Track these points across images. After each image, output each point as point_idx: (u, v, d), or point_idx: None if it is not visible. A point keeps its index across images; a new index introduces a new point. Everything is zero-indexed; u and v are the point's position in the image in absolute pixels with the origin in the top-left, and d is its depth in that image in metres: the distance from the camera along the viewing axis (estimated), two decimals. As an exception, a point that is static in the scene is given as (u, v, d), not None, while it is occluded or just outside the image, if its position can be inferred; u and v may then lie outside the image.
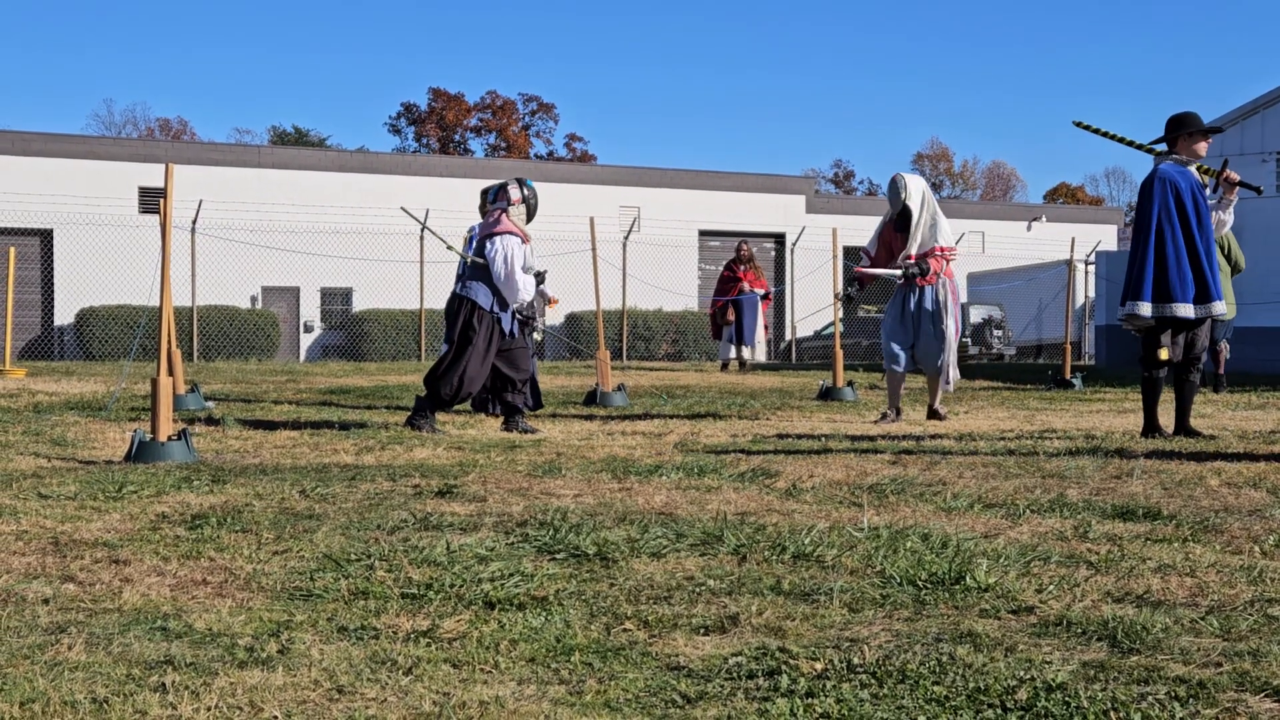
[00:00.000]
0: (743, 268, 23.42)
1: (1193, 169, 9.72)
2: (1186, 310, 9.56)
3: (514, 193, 10.74)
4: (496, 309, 10.54)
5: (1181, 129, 9.66)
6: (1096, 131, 10.38)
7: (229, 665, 3.54)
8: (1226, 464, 7.92)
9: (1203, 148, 9.67)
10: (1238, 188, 9.96)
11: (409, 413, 10.97)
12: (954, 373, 11.77)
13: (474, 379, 10.47)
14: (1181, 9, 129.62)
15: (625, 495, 6.62)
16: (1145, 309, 9.56)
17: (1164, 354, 9.72)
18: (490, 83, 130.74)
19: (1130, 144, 10.21)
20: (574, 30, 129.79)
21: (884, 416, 11.60)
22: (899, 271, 11.54)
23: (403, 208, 15.33)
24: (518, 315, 10.76)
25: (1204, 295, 9.59)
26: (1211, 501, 6.45)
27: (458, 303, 10.58)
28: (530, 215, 10.80)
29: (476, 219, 12.17)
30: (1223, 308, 9.63)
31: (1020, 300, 39.92)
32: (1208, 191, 9.84)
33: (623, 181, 42.79)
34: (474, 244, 10.78)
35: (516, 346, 10.71)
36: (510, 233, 10.54)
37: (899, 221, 11.69)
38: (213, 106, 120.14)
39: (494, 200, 10.81)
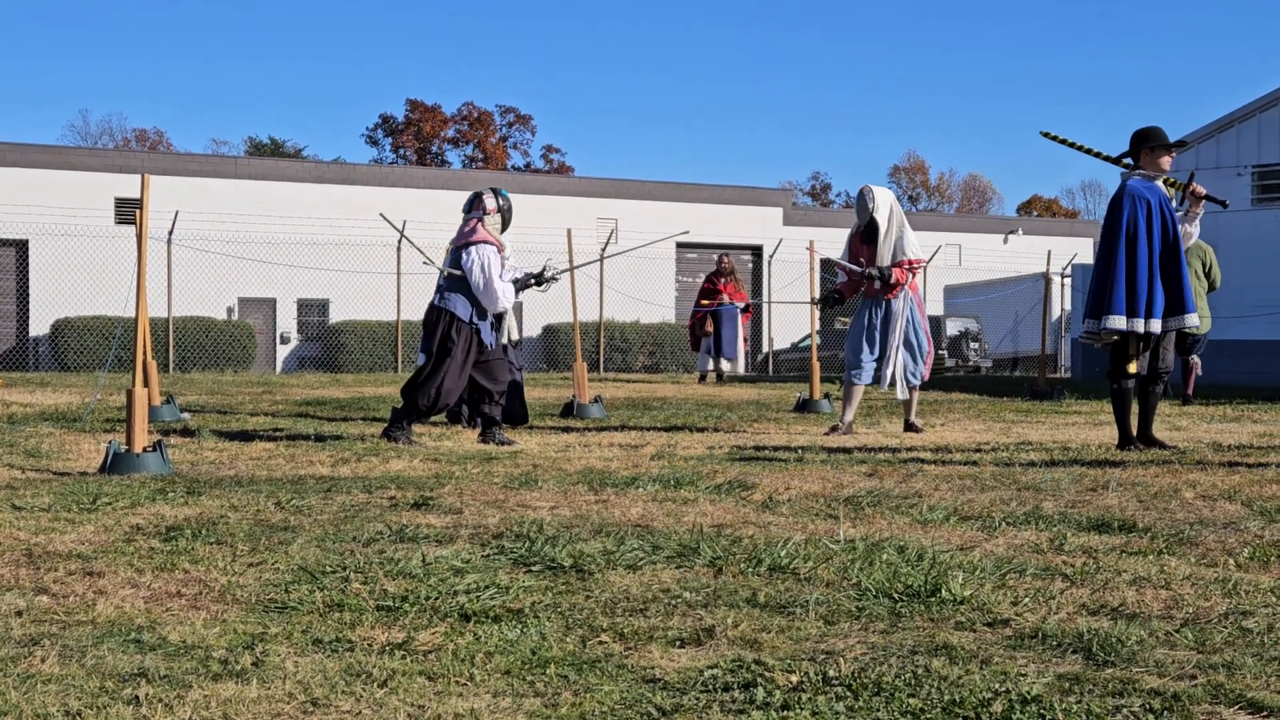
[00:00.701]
0: (723, 280, 23.46)
1: (1159, 183, 9.79)
2: (1155, 324, 9.62)
3: (489, 202, 10.74)
4: (475, 320, 10.53)
5: (1146, 143, 9.76)
6: (1064, 142, 10.44)
7: (203, 678, 3.53)
8: (1201, 476, 7.95)
9: (1166, 162, 9.76)
10: (1203, 201, 10.02)
11: (385, 424, 10.93)
12: (899, 386, 11.67)
13: (451, 390, 10.45)
14: (1158, 23, 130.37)
15: (601, 507, 6.61)
16: (1119, 322, 9.61)
17: (1132, 367, 9.78)
18: (467, 94, 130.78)
19: (1096, 155, 10.27)
20: (551, 42, 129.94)
21: (834, 429, 11.53)
22: (861, 270, 11.55)
23: (381, 214, 15.27)
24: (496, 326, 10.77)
25: (1174, 308, 9.66)
26: (1186, 514, 6.47)
27: (436, 314, 10.56)
28: (505, 224, 10.81)
29: (455, 232, 12.16)
30: (1194, 320, 9.69)
31: (996, 313, 40.04)
32: (1174, 204, 9.91)
33: (600, 193, 42.81)
34: (451, 254, 10.78)
35: (494, 358, 10.70)
36: (486, 241, 10.53)
37: (866, 233, 11.72)
38: (189, 117, 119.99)
39: (469, 210, 10.80)
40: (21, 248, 34.95)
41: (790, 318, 38.81)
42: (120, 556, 5.22)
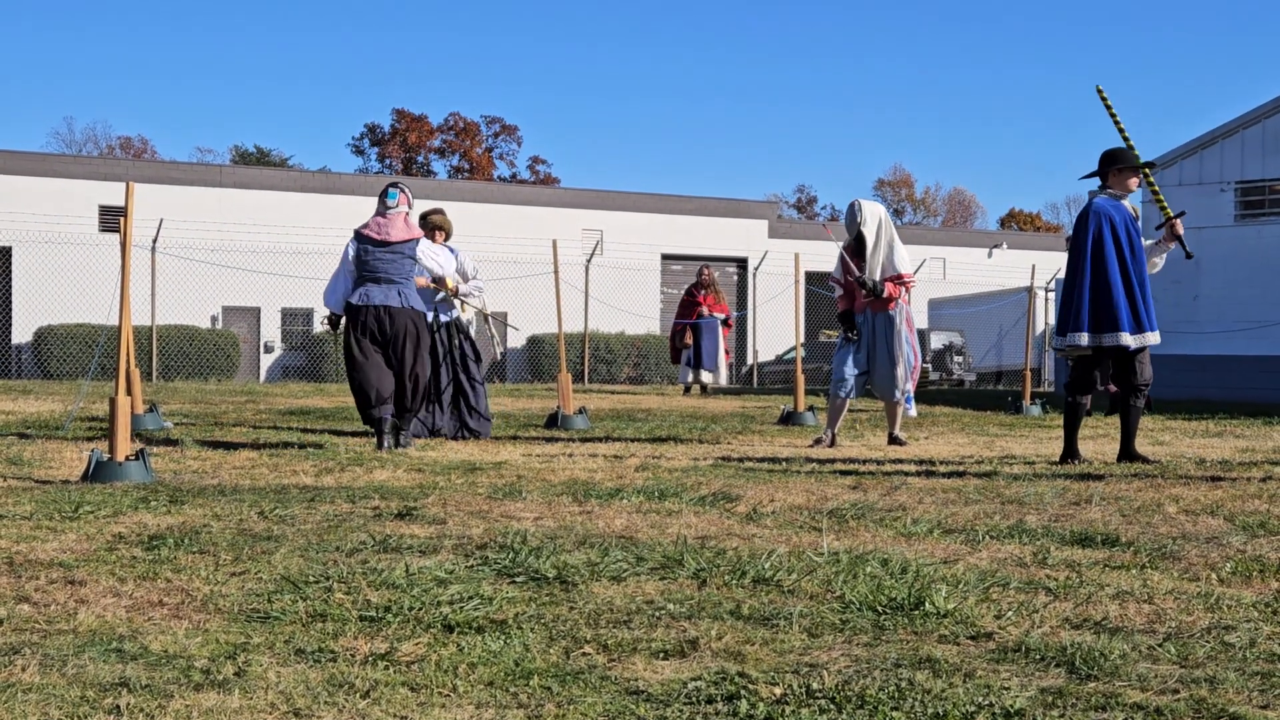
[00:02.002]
0: (703, 292, 23.43)
1: (1127, 204, 9.96)
2: (1126, 339, 9.75)
3: (409, 197, 10.87)
4: (425, 309, 10.67)
5: (1114, 164, 9.98)
6: (1108, 108, 10.41)
7: (185, 688, 3.52)
8: (1184, 491, 7.97)
9: (1134, 183, 10.00)
10: (1175, 241, 10.16)
11: (375, 437, 10.87)
12: (910, 401, 11.76)
13: (424, 379, 10.57)
14: (1141, 40, 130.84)
15: (586, 518, 6.61)
16: (1084, 339, 9.77)
17: (1099, 382, 9.93)
18: (453, 104, 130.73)
19: (1121, 132, 10.26)
20: (538, 54, 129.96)
21: (818, 441, 11.58)
22: (856, 276, 11.57)
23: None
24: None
25: (1139, 325, 9.80)
26: (1169, 528, 6.48)
27: (411, 316, 10.51)
28: None
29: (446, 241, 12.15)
30: (1156, 338, 9.84)
31: (981, 326, 40.11)
32: (1156, 231, 10.06)
33: (586, 204, 42.85)
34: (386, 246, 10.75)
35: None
36: (424, 236, 10.69)
37: (856, 247, 11.75)
38: (174, 125, 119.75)
39: (395, 201, 10.73)
40: (4, 255, 34.86)
41: (775, 330, 38.82)
42: (102, 565, 5.20)
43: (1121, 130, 10.28)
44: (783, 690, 3.53)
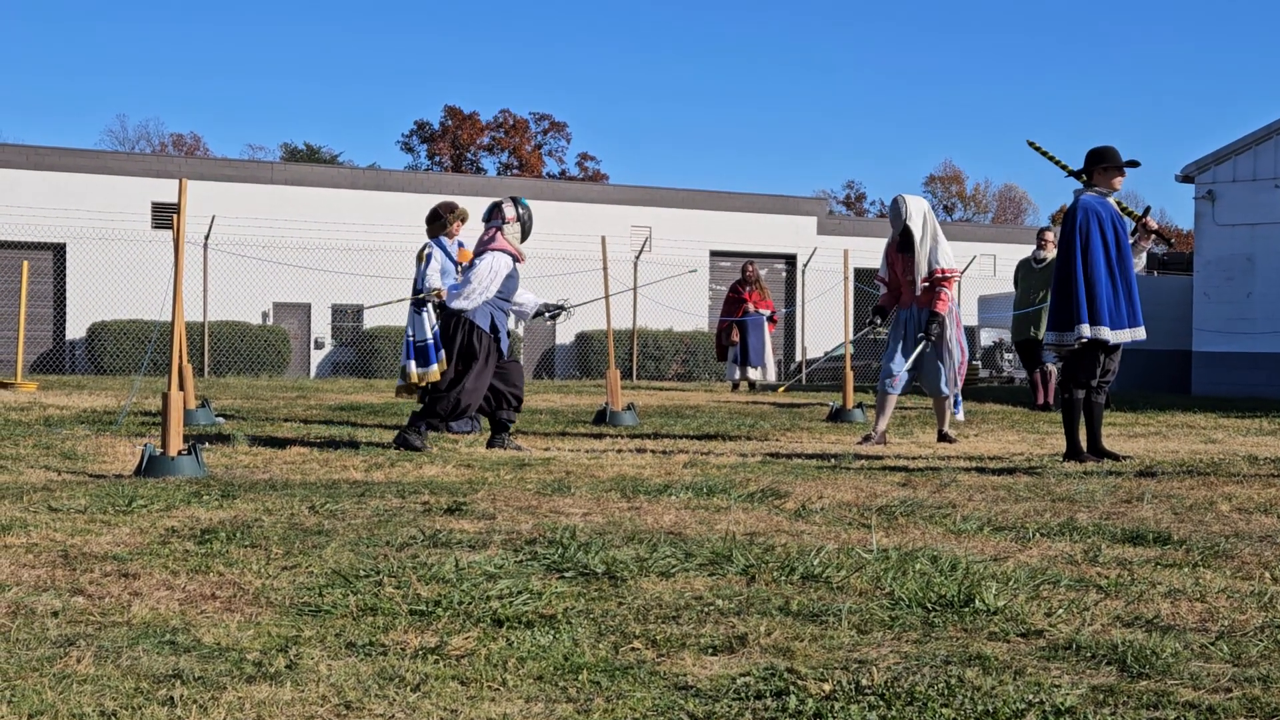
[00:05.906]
0: (747, 289, 23.35)
1: (1112, 201, 9.97)
2: (1106, 334, 9.75)
3: (509, 211, 10.78)
4: (500, 327, 10.57)
5: (1099, 163, 10.00)
6: (1044, 154, 10.63)
7: (237, 680, 3.55)
8: (1237, 489, 7.91)
9: (1118, 182, 10.04)
10: (1152, 236, 10.19)
11: (399, 431, 10.93)
12: (958, 406, 11.72)
13: (473, 395, 10.46)
14: (1197, 35, 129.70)
15: (634, 514, 6.62)
16: (1086, 330, 9.73)
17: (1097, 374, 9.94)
18: (503, 101, 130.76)
19: (1065, 169, 10.36)
20: (587, 51, 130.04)
21: (867, 438, 11.53)
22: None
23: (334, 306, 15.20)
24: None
25: (1122, 321, 9.80)
26: (1222, 527, 6.44)
27: (454, 323, 10.55)
28: (525, 234, 10.84)
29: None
30: (1142, 333, 9.84)
31: (1031, 324, 39.81)
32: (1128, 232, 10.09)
33: (634, 201, 42.80)
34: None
35: (511, 362, 10.74)
36: (503, 250, 10.58)
37: (901, 242, 11.73)
38: (226, 123, 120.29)
39: (489, 218, 10.85)
40: (59, 251, 35.17)
41: (823, 327, 38.70)
42: (155, 558, 5.25)
43: (1063, 166, 10.34)
44: (832, 686, 3.53)
